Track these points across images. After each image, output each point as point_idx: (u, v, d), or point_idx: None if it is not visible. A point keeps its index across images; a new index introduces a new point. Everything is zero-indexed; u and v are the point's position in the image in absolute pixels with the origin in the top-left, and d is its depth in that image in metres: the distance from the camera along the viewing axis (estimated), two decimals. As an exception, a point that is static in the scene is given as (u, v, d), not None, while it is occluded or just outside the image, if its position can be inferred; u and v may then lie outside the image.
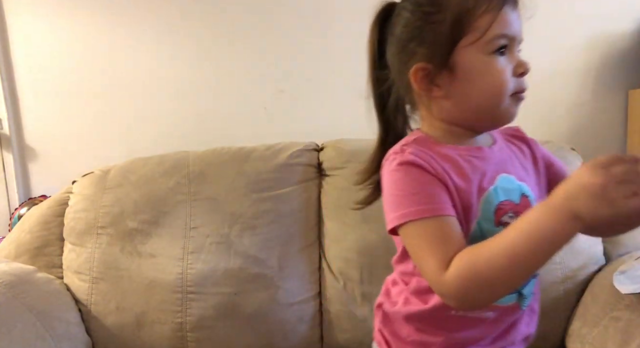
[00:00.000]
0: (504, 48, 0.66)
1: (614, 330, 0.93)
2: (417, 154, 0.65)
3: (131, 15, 1.51)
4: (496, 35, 0.65)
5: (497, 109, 0.67)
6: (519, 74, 0.67)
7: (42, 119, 1.57)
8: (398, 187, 0.65)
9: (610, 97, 1.47)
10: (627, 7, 1.44)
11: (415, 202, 0.62)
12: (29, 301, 1.09)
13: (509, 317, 0.71)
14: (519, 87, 0.67)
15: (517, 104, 0.68)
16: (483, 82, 0.66)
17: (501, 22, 0.65)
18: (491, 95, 0.66)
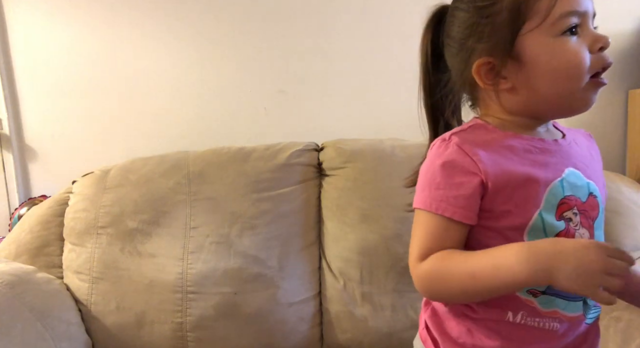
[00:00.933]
0: (575, 27, 0.61)
1: (614, 330, 0.93)
2: (461, 145, 0.63)
3: (131, 15, 1.51)
4: (562, 14, 0.61)
5: (574, 94, 0.63)
6: (597, 49, 0.62)
7: (42, 119, 1.57)
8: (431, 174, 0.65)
9: (610, 97, 1.47)
10: (627, 7, 1.44)
11: (437, 196, 0.63)
12: (29, 301, 1.09)
13: (574, 331, 0.66)
14: (601, 64, 0.62)
15: (596, 89, 0.63)
16: (554, 65, 0.62)
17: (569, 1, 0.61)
18: (566, 78, 0.62)
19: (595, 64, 0.61)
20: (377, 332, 1.15)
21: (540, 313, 0.64)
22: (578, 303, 0.65)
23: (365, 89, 1.50)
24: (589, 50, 0.61)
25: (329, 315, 1.19)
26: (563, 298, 0.64)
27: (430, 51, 0.72)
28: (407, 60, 1.46)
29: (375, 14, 1.48)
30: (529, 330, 0.64)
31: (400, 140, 1.31)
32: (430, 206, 0.63)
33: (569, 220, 0.64)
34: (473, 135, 0.66)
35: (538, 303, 0.64)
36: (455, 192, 0.62)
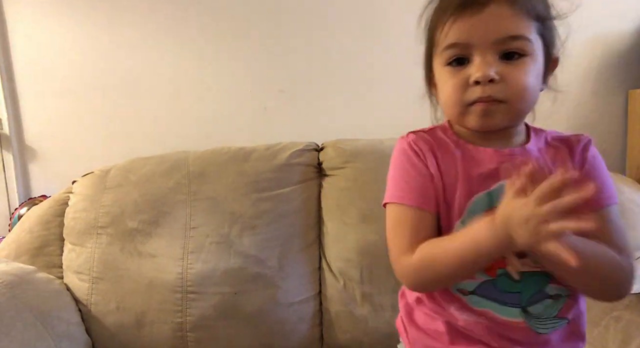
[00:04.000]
0: (459, 57, 0.65)
1: (615, 330, 0.93)
2: (416, 143, 0.71)
3: (131, 15, 1.51)
4: (445, 46, 0.66)
5: (457, 118, 0.68)
6: (471, 83, 0.64)
7: (42, 119, 1.57)
8: (396, 169, 0.72)
9: (610, 97, 1.47)
10: (627, 7, 1.44)
11: (405, 189, 0.69)
12: (29, 301, 1.09)
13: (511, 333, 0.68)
14: (475, 96, 0.64)
15: (478, 115, 0.65)
16: (442, 92, 0.69)
17: (452, 32, 0.65)
18: (447, 105, 0.69)
19: (470, 95, 0.65)
20: (377, 332, 1.15)
21: (470, 309, 0.68)
22: (514, 309, 0.67)
23: (365, 89, 1.50)
24: (465, 83, 0.65)
25: (329, 315, 1.19)
26: (492, 300, 0.67)
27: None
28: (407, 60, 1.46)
29: (375, 13, 1.48)
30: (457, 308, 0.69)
31: (400, 140, 1.31)
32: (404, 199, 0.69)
33: None
34: (431, 135, 0.73)
35: (468, 301, 0.68)
36: (420, 183, 0.68)
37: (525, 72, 0.64)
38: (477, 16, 0.63)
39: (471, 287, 0.68)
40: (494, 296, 0.67)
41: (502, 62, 0.64)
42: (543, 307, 0.68)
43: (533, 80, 0.66)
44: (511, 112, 0.65)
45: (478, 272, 0.66)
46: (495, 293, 0.67)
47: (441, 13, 0.66)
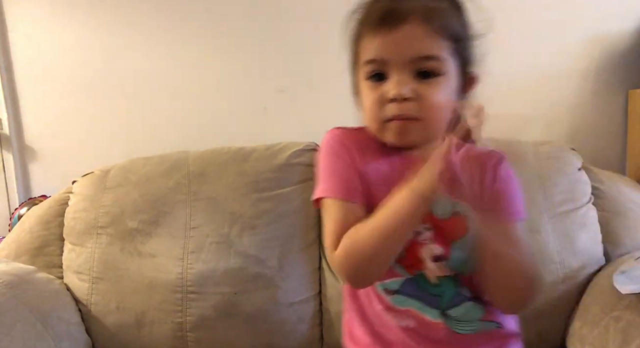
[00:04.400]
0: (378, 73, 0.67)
1: (614, 330, 0.93)
2: (342, 137, 0.73)
3: (131, 15, 1.51)
4: (365, 61, 0.67)
5: (378, 131, 0.70)
6: (386, 101, 0.66)
7: (42, 119, 1.57)
8: (325, 162, 0.73)
9: (610, 97, 1.47)
10: (627, 7, 1.44)
11: (334, 182, 0.70)
12: (29, 301, 1.09)
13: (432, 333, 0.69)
14: (391, 113, 0.66)
15: (393, 131, 0.67)
16: (363, 105, 0.71)
17: (372, 47, 0.66)
18: (366, 119, 0.70)
19: (387, 112, 0.67)
20: (377, 332, 1.15)
21: (395, 309, 0.70)
22: (434, 311, 0.69)
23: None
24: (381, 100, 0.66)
25: (329, 315, 1.19)
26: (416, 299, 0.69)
27: None
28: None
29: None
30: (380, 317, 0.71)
31: (400, 140, 1.31)
32: (333, 193, 0.69)
33: (418, 233, 0.68)
34: (359, 134, 0.73)
35: (392, 301, 0.70)
36: (347, 175, 0.69)
37: (439, 91, 0.66)
38: (394, 34, 0.64)
39: (396, 285, 0.70)
40: (417, 295, 0.69)
41: (416, 80, 0.65)
42: (465, 309, 0.71)
43: (446, 99, 0.67)
44: (425, 129, 0.67)
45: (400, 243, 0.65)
46: (418, 292, 0.69)
47: (361, 27, 0.68)
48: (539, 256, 1.12)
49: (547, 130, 1.47)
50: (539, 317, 1.11)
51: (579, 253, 1.13)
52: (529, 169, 1.20)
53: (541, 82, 1.48)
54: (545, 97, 1.48)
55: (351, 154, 0.70)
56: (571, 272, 1.12)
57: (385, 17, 0.65)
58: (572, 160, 1.23)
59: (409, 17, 0.64)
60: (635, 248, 1.15)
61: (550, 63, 1.47)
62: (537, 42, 1.47)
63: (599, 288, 1.07)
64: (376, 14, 0.66)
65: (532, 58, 1.47)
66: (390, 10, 0.65)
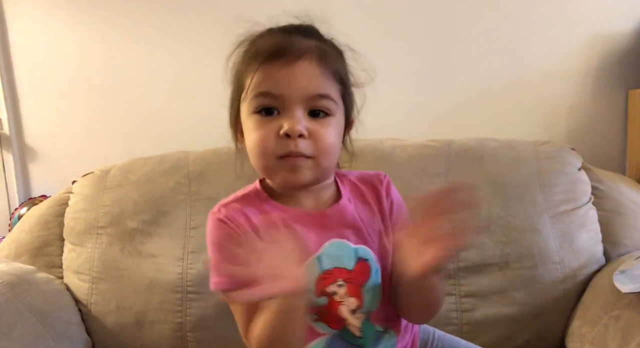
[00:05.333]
0: (271, 107, 0.64)
1: (614, 329, 0.93)
2: (229, 217, 0.66)
3: (131, 15, 1.51)
4: (256, 94, 0.65)
5: (266, 171, 0.67)
6: (281, 136, 0.63)
7: (42, 119, 1.57)
8: (214, 251, 0.67)
9: (610, 97, 1.47)
10: (627, 7, 1.44)
11: (225, 271, 0.63)
12: (29, 301, 1.09)
13: None
14: (284, 149, 0.64)
15: (289, 169, 0.65)
16: (249, 140, 0.67)
17: (266, 80, 0.64)
18: (254, 156, 0.67)
19: (280, 148, 0.63)
20: (377, 332, 1.15)
21: None
22: None
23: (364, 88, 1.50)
24: (277, 135, 0.63)
25: (329, 315, 1.19)
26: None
27: None
28: (406, 60, 1.46)
29: (375, 14, 1.48)
30: None
31: (400, 140, 1.31)
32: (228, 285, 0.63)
33: (333, 293, 0.66)
34: (244, 204, 0.70)
35: None
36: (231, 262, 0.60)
37: (330, 131, 0.65)
38: (289, 69, 0.63)
39: (320, 346, 0.68)
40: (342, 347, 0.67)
41: (309, 118, 0.65)
42: (383, 344, 0.70)
43: (336, 139, 0.67)
44: (317, 167, 0.65)
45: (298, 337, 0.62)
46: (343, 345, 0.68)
47: (250, 60, 0.66)
48: (539, 256, 1.12)
49: (547, 130, 1.47)
50: (539, 317, 1.11)
51: (579, 253, 1.13)
52: (529, 168, 1.20)
53: (541, 82, 1.48)
54: (545, 97, 1.48)
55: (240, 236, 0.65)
56: (571, 271, 1.12)
57: (280, 51, 0.64)
58: (572, 160, 1.23)
59: (304, 55, 0.64)
60: (635, 248, 1.15)
61: (550, 63, 1.47)
62: (537, 42, 1.47)
63: (598, 288, 1.07)
64: (270, 47, 0.65)
65: (532, 58, 1.47)
66: (285, 45, 0.64)
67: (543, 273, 1.12)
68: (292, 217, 0.67)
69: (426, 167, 1.19)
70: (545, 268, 1.12)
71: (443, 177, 1.19)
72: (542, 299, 1.11)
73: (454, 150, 1.24)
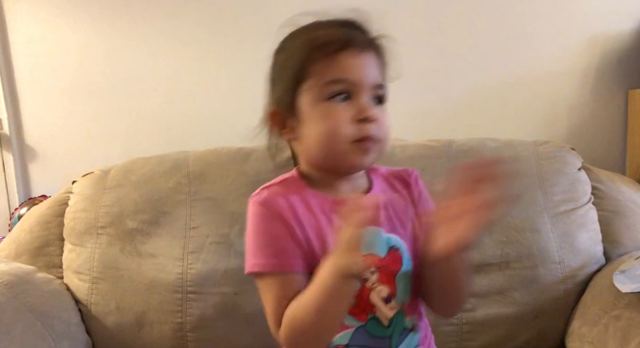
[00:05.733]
0: (344, 93, 0.66)
1: (614, 329, 0.93)
2: (272, 200, 0.67)
3: (131, 15, 1.51)
4: (330, 81, 0.66)
5: (336, 157, 0.67)
6: (358, 120, 0.66)
7: (42, 119, 1.57)
8: (254, 233, 0.67)
9: (610, 97, 1.47)
10: (627, 7, 1.44)
11: (267, 254, 0.65)
12: (29, 301, 1.09)
13: None
14: (360, 134, 0.66)
15: (362, 153, 0.67)
16: (318, 127, 0.67)
17: (338, 68, 0.65)
18: (326, 141, 0.67)
19: (355, 133, 0.66)
20: (377, 332, 1.15)
21: None
22: None
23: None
24: (352, 119, 0.65)
25: (329, 315, 1.19)
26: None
27: None
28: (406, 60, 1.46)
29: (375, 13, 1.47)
30: None
31: (400, 140, 1.31)
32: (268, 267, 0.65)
33: (365, 280, 0.67)
34: (285, 188, 0.70)
35: None
36: (282, 244, 0.64)
37: (387, 118, 0.69)
38: (357, 58, 0.67)
39: (345, 339, 0.68)
40: (367, 343, 0.68)
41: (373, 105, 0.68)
42: (407, 344, 0.71)
43: None
44: (379, 152, 0.69)
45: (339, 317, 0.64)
46: (368, 339, 0.68)
47: (316, 49, 0.67)
48: (539, 256, 1.12)
49: (547, 130, 1.47)
50: (539, 317, 1.11)
51: (579, 253, 1.13)
52: (529, 168, 1.20)
53: (541, 82, 1.48)
54: (545, 97, 1.48)
55: (283, 219, 0.66)
56: (571, 271, 1.12)
57: (350, 41, 0.67)
58: (572, 160, 1.23)
59: (368, 47, 0.68)
60: (635, 248, 1.16)
61: (550, 63, 1.47)
62: (537, 42, 1.47)
63: (598, 288, 1.07)
64: (339, 37, 0.67)
65: (532, 58, 1.47)
66: (353, 36, 0.68)
67: (543, 273, 1.12)
68: (330, 204, 0.68)
69: (426, 167, 1.19)
70: (545, 268, 1.12)
71: (443, 177, 1.19)
72: (542, 299, 1.11)
73: (454, 150, 1.24)
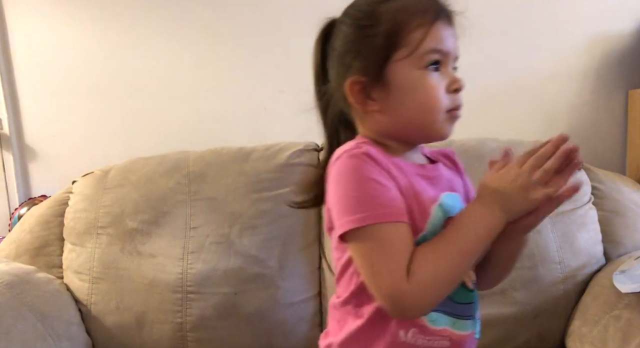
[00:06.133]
0: (437, 63, 0.65)
1: (614, 329, 0.93)
2: (375, 153, 0.64)
3: (131, 15, 1.51)
4: (428, 50, 0.64)
5: (430, 126, 0.67)
6: (452, 91, 0.66)
7: (42, 119, 1.57)
8: (355, 186, 0.62)
9: (610, 97, 1.47)
10: (627, 7, 1.44)
11: (378, 204, 0.60)
12: (29, 301, 1.09)
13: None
14: (454, 104, 0.66)
15: (451, 122, 0.67)
16: (415, 97, 0.65)
17: (434, 37, 0.65)
18: (423, 111, 0.66)
19: (449, 103, 0.66)
20: (377, 332, 1.15)
21: (430, 330, 0.65)
22: (467, 321, 0.68)
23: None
24: (446, 89, 0.66)
25: (329, 315, 1.19)
26: (451, 315, 0.66)
27: (320, 62, 0.74)
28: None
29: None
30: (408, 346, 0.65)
31: (400, 140, 1.31)
32: (383, 217, 0.59)
33: None
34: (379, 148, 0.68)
35: (428, 320, 0.65)
36: (392, 193, 0.62)
37: None
38: (450, 29, 0.67)
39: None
40: (451, 310, 0.67)
41: None
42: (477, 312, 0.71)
43: None
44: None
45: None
46: (452, 307, 0.67)
47: (417, 15, 0.65)
48: (539, 256, 1.12)
49: (547, 129, 1.47)
50: (539, 317, 1.11)
51: (579, 253, 1.13)
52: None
53: (541, 82, 1.48)
54: (545, 97, 1.48)
55: (391, 173, 0.63)
56: (571, 271, 1.12)
57: (447, 12, 0.67)
58: (572, 160, 1.23)
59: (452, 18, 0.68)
60: (635, 248, 1.16)
61: (550, 63, 1.47)
62: (538, 42, 1.47)
63: (598, 288, 1.07)
64: (439, 6, 0.67)
65: (532, 58, 1.47)
66: (443, 7, 0.67)
67: (543, 273, 1.12)
68: (411, 170, 0.67)
69: (426, 167, 1.20)
70: (545, 268, 1.12)
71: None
72: (542, 299, 1.11)
73: (454, 150, 1.24)
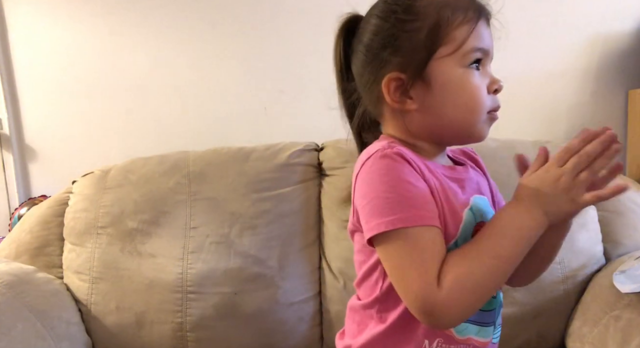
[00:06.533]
0: (479, 62, 0.64)
1: (614, 329, 0.93)
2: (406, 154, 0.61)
3: (131, 15, 1.51)
4: (472, 48, 0.62)
5: (472, 127, 0.64)
6: (493, 91, 0.65)
7: (42, 119, 1.57)
8: (387, 187, 0.59)
9: (610, 97, 1.47)
10: (627, 7, 1.44)
11: (410, 206, 0.57)
12: (29, 301, 1.09)
13: None
14: (494, 105, 0.65)
15: (490, 123, 0.66)
16: (459, 96, 0.63)
17: (477, 35, 0.63)
18: (467, 111, 0.63)
19: (491, 104, 0.65)
20: (377, 332, 1.15)
21: (455, 340, 0.64)
22: (489, 328, 0.67)
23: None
24: (487, 89, 0.64)
25: (329, 315, 1.19)
26: (476, 324, 0.65)
27: (343, 58, 0.71)
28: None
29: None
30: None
31: (400, 140, 1.31)
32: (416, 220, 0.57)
33: None
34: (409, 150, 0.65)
35: (455, 330, 0.64)
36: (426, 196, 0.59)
37: None
38: (489, 28, 0.66)
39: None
40: (476, 318, 0.66)
41: None
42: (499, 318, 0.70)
43: None
44: None
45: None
46: (479, 314, 0.66)
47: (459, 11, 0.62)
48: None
49: (547, 129, 1.47)
50: (539, 317, 1.11)
51: (579, 253, 1.13)
52: (529, 168, 1.20)
53: (541, 82, 1.48)
54: (545, 97, 1.48)
55: (423, 174, 0.61)
56: (571, 271, 1.12)
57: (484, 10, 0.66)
58: (572, 160, 1.23)
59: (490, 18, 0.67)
60: (635, 248, 1.15)
61: (550, 63, 1.47)
62: (537, 42, 1.47)
63: (598, 288, 1.07)
64: (478, 6, 0.65)
65: (532, 58, 1.47)
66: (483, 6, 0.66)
67: (543, 274, 1.11)
68: (441, 172, 0.65)
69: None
70: (545, 268, 1.12)
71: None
72: (542, 299, 1.11)
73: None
